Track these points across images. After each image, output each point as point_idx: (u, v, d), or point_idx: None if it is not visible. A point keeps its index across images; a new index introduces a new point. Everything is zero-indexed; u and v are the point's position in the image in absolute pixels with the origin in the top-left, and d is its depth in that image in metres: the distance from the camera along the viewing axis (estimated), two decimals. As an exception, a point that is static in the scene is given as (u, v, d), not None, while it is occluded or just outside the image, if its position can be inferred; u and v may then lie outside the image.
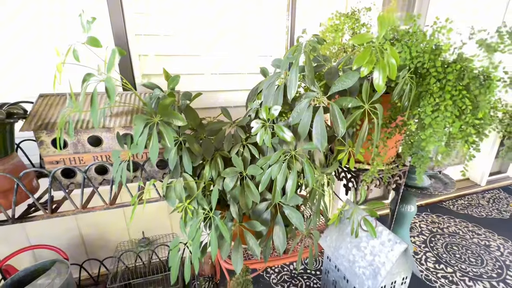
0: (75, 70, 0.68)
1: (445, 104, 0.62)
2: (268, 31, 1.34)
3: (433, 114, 0.62)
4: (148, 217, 1.38)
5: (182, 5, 1.17)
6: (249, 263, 0.94)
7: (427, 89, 0.65)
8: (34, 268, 1.07)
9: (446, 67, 0.64)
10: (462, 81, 0.63)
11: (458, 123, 0.60)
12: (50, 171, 0.78)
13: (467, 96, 0.61)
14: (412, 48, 0.62)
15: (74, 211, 0.81)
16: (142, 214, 1.36)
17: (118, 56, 0.55)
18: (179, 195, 0.75)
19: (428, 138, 0.61)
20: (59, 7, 1.03)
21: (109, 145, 0.88)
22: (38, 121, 0.81)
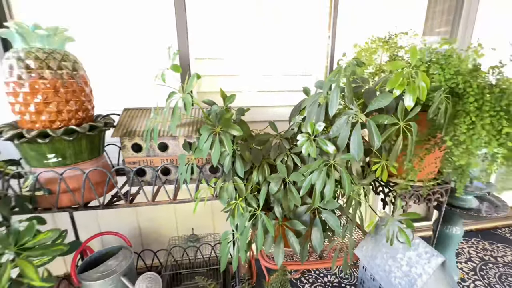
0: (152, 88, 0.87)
1: (481, 123, 0.66)
2: (308, 52, 1.47)
3: (468, 132, 0.66)
4: (194, 217, 1.54)
5: (233, 33, 1.37)
6: (287, 263, 1.02)
7: (463, 108, 0.70)
8: (105, 251, 1.28)
9: (483, 89, 0.68)
10: (501, 102, 0.67)
11: (494, 143, 0.63)
12: (132, 169, 0.98)
13: (505, 118, 0.65)
14: (445, 70, 0.68)
15: (146, 203, 0.99)
16: (190, 214, 1.53)
17: (196, 80, 0.72)
18: (231, 195, 0.88)
19: (461, 154, 0.65)
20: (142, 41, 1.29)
21: (173, 151, 1.06)
22: (124, 129, 1.03)
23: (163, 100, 0.83)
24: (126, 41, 1.29)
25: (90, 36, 1.25)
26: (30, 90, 0.82)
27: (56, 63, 0.86)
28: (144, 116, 1.08)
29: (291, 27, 1.42)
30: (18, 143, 0.83)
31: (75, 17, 1.24)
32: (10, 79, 0.82)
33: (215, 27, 1.35)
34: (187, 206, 1.49)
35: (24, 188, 0.88)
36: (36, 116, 0.85)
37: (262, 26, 1.39)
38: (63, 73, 0.87)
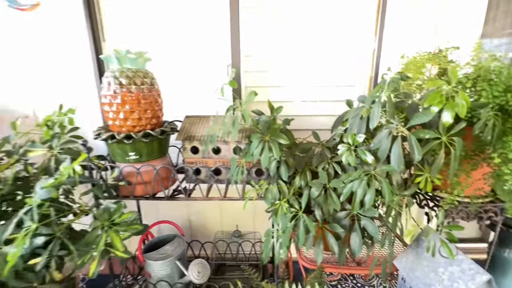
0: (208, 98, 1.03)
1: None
2: (352, 64, 1.51)
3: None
4: (237, 215, 1.69)
5: (278, 47, 1.49)
6: (325, 265, 1.08)
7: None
8: (162, 237, 1.49)
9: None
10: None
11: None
12: (192, 168, 1.15)
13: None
14: (493, 87, 0.69)
15: (201, 198, 1.15)
16: (233, 211, 1.68)
17: (254, 96, 0.85)
18: (274, 196, 0.99)
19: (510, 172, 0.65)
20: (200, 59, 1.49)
21: (225, 154, 1.21)
22: (185, 134, 1.21)
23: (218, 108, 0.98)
24: (187, 60, 1.51)
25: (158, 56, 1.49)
26: (121, 101, 1.05)
27: (140, 80, 1.07)
28: (201, 123, 1.25)
29: (335, 40, 1.48)
30: (110, 143, 1.06)
31: (149, 40, 1.49)
32: (107, 93, 1.06)
33: (263, 42, 1.49)
34: (232, 203, 1.62)
35: (111, 178, 1.11)
36: (123, 122, 1.08)
37: (305, 38, 1.48)
38: (144, 88, 1.09)
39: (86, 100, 1.50)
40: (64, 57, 1.46)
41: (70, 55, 1.45)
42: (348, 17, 1.46)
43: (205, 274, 1.18)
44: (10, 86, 1.50)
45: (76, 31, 1.41)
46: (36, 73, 1.48)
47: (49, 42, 1.43)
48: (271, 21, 1.47)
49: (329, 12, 1.45)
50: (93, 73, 1.47)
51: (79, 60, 1.46)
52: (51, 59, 1.46)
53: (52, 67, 1.47)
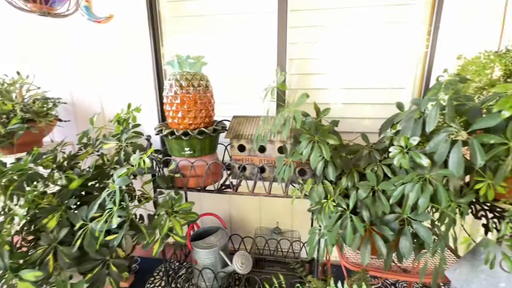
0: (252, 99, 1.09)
1: None
2: (402, 66, 1.46)
3: None
4: (275, 212, 1.74)
5: (323, 48, 1.50)
6: (369, 268, 1.07)
7: None
8: (207, 228, 1.60)
9: None
10: None
11: None
12: (241, 165, 1.23)
13: None
14: None
15: (247, 193, 1.22)
16: (272, 209, 1.73)
17: (306, 98, 0.89)
18: (320, 196, 1.01)
19: None
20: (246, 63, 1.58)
21: (269, 153, 1.26)
22: (233, 132, 1.30)
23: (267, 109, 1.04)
24: (232, 64, 1.60)
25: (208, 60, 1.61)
26: (180, 102, 1.17)
27: (197, 82, 1.18)
28: (248, 123, 1.33)
29: (382, 41, 1.45)
30: (170, 138, 1.18)
31: (199, 46, 1.62)
32: (169, 94, 1.18)
33: (308, 44, 1.52)
34: (272, 201, 1.69)
35: (169, 170, 1.24)
36: (181, 120, 1.19)
37: (351, 40, 1.48)
38: (200, 89, 1.19)
39: (144, 100, 1.67)
40: (128, 62, 1.65)
41: (133, 60, 1.64)
42: (397, 16, 1.42)
43: (247, 266, 1.24)
44: (86, 87, 1.74)
45: (140, 38, 1.59)
46: (105, 76, 1.70)
47: (117, 49, 1.63)
48: (316, 22, 1.49)
49: (376, 9, 1.43)
50: (152, 76, 1.64)
51: (141, 65, 1.64)
52: (117, 64, 1.66)
53: (118, 71, 1.67)
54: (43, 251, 0.95)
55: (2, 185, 1.00)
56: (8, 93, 1.37)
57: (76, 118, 1.79)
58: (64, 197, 1.01)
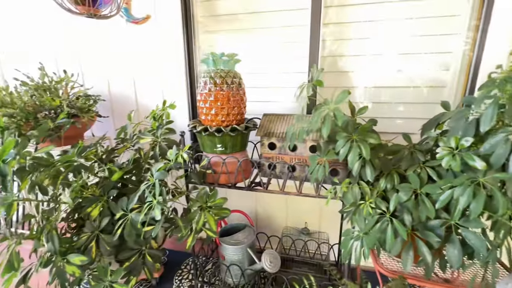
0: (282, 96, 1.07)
1: None
2: (442, 63, 1.37)
3: None
4: (302, 212, 1.71)
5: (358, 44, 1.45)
6: (407, 276, 1.02)
7: None
8: (235, 225, 1.61)
9: None
10: None
11: None
12: (271, 163, 1.22)
13: None
14: None
15: (278, 191, 1.21)
16: (299, 209, 1.71)
17: (347, 95, 0.86)
18: (355, 197, 0.98)
19: None
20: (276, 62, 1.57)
21: (301, 151, 1.24)
22: (264, 130, 1.29)
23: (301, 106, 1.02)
24: (263, 61, 1.60)
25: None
26: (214, 99, 1.18)
27: (230, 80, 1.19)
28: (279, 121, 1.32)
29: (422, 35, 1.37)
30: (204, 135, 1.21)
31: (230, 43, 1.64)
32: (203, 91, 1.20)
33: (343, 40, 1.48)
34: (299, 200, 1.67)
35: (200, 166, 1.26)
36: (214, 117, 1.21)
37: (387, 33, 1.41)
38: (233, 87, 1.20)
39: (176, 98, 1.72)
40: (162, 61, 1.71)
41: (167, 59, 1.69)
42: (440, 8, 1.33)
43: (276, 264, 1.24)
44: (122, 86, 1.83)
45: (174, 37, 1.64)
46: (140, 75, 1.78)
47: (151, 49, 1.70)
48: (350, 19, 1.44)
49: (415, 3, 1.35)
50: (184, 74, 1.69)
51: (174, 63, 1.69)
52: (152, 63, 1.73)
53: (152, 70, 1.74)
54: (87, 237, 1.01)
55: (50, 175, 1.08)
56: (56, 90, 1.48)
57: (113, 114, 1.89)
58: (106, 188, 1.07)
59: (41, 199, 1.10)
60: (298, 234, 1.54)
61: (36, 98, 1.41)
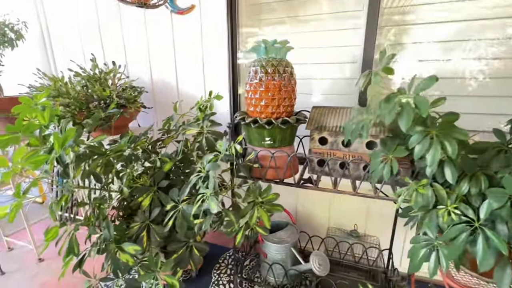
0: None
1: None
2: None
3: None
4: (346, 214, 1.60)
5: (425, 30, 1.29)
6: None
7: None
8: (277, 222, 1.55)
9: None
10: None
11: None
12: (323, 159, 1.13)
13: None
14: None
15: (330, 189, 1.12)
16: (343, 209, 1.60)
17: (435, 82, 0.75)
18: (427, 200, 0.86)
19: None
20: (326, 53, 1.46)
21: (355, 147, 1.14)
22: (315, 124, 1.20)
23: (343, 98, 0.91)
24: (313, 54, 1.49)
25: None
26: (265, 89, 1.12)
27: (282, 69, 1.12)
28: (331, 114, 1.22)
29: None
30: (253, 127, 1.15)
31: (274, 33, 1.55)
32: (253, 81, 1.14)
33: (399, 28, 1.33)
34: (344, 200, 1.56)
35: (247, 160, 1.21)
36: (264, 108, 1.14)
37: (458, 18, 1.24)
38: (285, 76, 1.12)
39: (217, 89, 1.69)
40: (204, 52, 1.68)
41: (210, 50, 1.66)
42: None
43: (325, 267, 1.15)
44: (164, 77, 1.84)
45: (218, 27, 1.60)
46: (182, 66, 1.77)
47: (194, 40, 1.68)
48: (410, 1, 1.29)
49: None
50: (226, 65, 1.64)
51: (216, 54, 1.65)
52: (194, 55, 1.71)
53: (194, 61, 1.72)
54: (138, 227, 1.00)
55: (102, 164, 1.10)
56: (106, 81, 1.51)
57: (155, 105, 1.91)
58: (156, 178, 1.06)
59: (95, 187, 1.12)
60: (346, 236, 1.44)
61: (88, 88, 1.45)
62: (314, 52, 1.53)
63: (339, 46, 1.47)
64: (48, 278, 1.59)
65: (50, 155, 0.88)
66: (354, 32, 1.42)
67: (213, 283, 1.52)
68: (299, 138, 1.42)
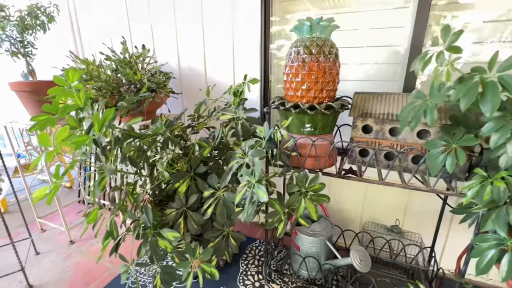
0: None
1: None
2: None
3: None
4: (380, 207, 1.51)
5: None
6: None
7: None
8: (308, 214, 1.49)
9: None
10: None
11: None
12: (374, 148, 1.05)
13: None
14: None
15: (377, 181, 1.04)
16: (377, 203, 1.51)
17: None
18: (498, 196, 0.76)
19: None
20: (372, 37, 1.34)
21: (405, 136, 1.04)
22: (359, 110, 1.11)
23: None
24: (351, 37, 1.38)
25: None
26: (308, 71, 1.04)
27: (327, 50, 1.03)
28: (377, 100, 1.12)
29: None
30: (294, 112, 1.08)
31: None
32: (295, 63, 1.06)
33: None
34: (380, 193, 1.48)
35: (284, 147, 1.14)
36: (305, 92, 1.07)
37: None
38: (330, 58, 1.04)
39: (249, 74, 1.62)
40: (235, 35, 1.61)
41: (241, 33, 1.59)
42: None
43: (367, 263, 1.09)
44: (192, 62, 1.79)
45: (250, 8, 1.51)
46: (211, 51, 1.71)
47: (224, 22, 1.60)
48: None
49: None
50: (258, 49, 1.57)
51: (248, 36, 1.57)
52: (223, 39, 1.64)
53: (223, 45, 1.65)
54: (175, 213, 0.97)
55: (135, 148, 1.07)
56: (136, 64, 1.48)
57: (182, 91, 1.87)
58: (193, 163, 1.01)
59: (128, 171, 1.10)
60: (386, 232, 1.36)
61: (118, 72, 1.43)
62: (352, 35, 1.42)
63: (381, 28, 1.36)
64: (80, 259, 1.62)
65: (89, 136, 0.85)
66: (399, 12, 1.29)
67: (241, 273, 1.49)
68: (336, 127, 1.34)
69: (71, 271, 1.53)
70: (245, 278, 1.45)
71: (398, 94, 1.12)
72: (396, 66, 1.38)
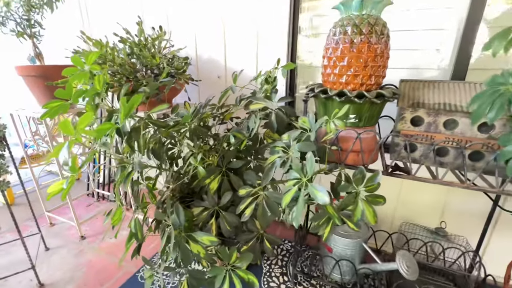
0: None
1: None
2: None
3: None
4: (416, 207, 1.40)
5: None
6: None
7: None
8: (336, 213, 1.38)
9: None
10: None
11: None
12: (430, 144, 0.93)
13: None
14: None
15: (431, 180, 0.92)
16: (412, 203, 1.40)
17: None
18: None
19: None
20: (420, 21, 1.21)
21: (463, 130, 0.92)
22: (409, 100, 0.99)
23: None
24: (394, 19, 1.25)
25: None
26: (357, 54, 0.91)
27: (379, 29, 0.90)
28: (428, 89, 1.00)
29: None
30: (338, 101, 0.95)
31: None
32: (339, 45, 0.93)
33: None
34: (415, 192, 1.36)
35: (322, 141, 1.03)
36: (351, 78, 0.94)
37: None
38: (382, 40, 0.91)
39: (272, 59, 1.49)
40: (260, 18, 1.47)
41: (266, 16, 1.45)
42: None
43: (414, 270, 0.98)
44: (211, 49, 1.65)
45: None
46: (232, 36, 1.57)
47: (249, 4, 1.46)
48: None
49: None
50: (286, 34, 1.43)
51: (274, 21, 1.44)
52: (247, 22, 1.50)
53: (247, 29, 1.52)
54: (207, 213, 0.86)
55: (156, 140, 0.95)
56: (153, 47, 1.35)
57: (201, 79, 1.74)
58: (226, 157, 0.90)
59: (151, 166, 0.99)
60: (429, 235, 1.25)
61: (134, 55, 1.30)
62: (394, 17, 1.28)
63: (427, 8, 1.22)
64: (92, 255, 1.53)
65: (113, 124, 0.73)
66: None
67: (265, 275, 1.39)
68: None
69: (84, 268, 1.44)
70: (269, 280, 1.36)
71: (453, 82, 1.00)
72: (443, 52, 1.24)
